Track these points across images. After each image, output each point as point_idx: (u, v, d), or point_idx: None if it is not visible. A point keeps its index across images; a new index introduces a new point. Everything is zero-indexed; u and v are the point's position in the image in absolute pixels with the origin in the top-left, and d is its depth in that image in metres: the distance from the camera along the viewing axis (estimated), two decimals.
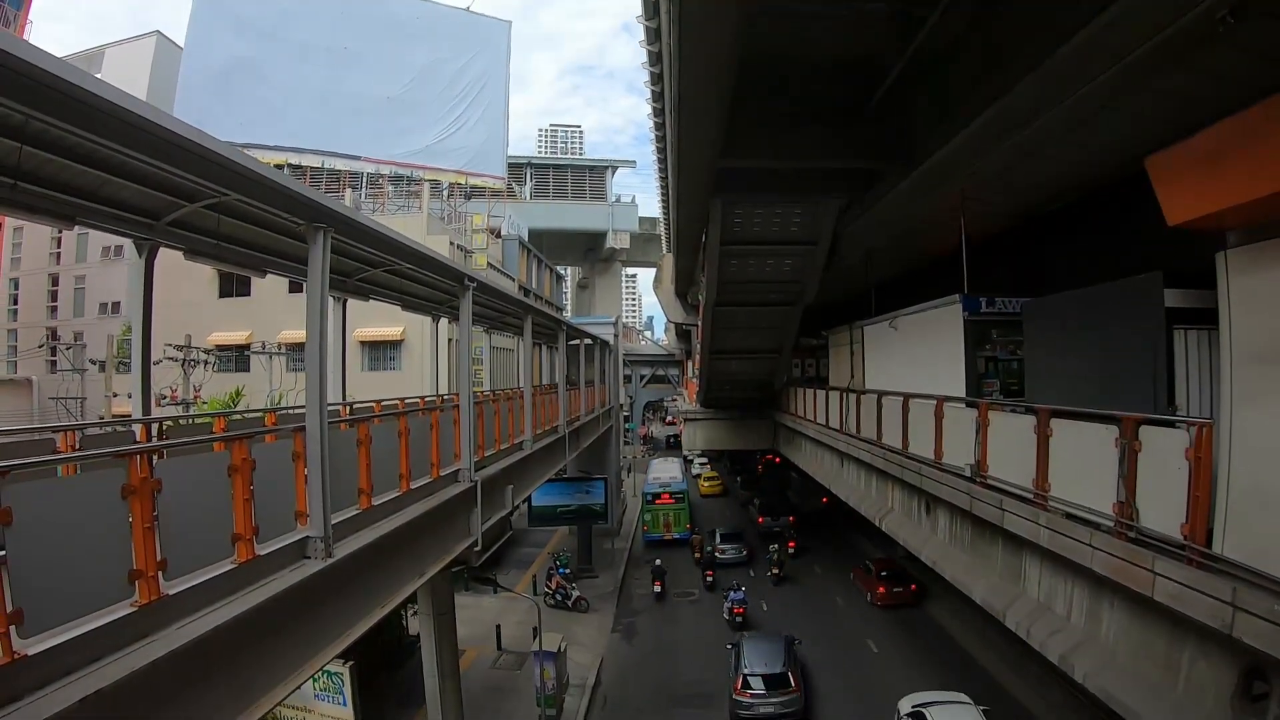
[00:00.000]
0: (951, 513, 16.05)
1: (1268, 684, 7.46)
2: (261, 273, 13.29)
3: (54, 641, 5.29)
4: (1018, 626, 12.66)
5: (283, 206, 8.51)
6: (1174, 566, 8.31)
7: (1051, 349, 15.13)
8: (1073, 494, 10.81)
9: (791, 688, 22.65)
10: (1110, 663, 10.12)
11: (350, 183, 54.85)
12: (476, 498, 15.11)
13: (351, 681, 17.42)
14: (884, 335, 25.03)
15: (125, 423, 11.29)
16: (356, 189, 54.18)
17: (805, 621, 30.03)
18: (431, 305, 20.12)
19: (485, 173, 60.64)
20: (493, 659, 28.57)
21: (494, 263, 48.01)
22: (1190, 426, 8.37)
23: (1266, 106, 7.46)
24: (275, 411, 14.53)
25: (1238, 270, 8.05)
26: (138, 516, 6.11)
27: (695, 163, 18.44)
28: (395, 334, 39.36)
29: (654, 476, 48.57)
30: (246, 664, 7.58)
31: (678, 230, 28.85)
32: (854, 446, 23.25)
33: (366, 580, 10.43)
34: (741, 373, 36.84)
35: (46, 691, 5.17)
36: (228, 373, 38.33)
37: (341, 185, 53.59)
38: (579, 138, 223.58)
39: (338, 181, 54.50)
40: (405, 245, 11.86)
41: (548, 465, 25.05)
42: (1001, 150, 14.29)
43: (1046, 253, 21.49)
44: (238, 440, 7.75)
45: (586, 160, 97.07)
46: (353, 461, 10.24)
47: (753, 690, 22.62)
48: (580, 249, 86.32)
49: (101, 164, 7.93)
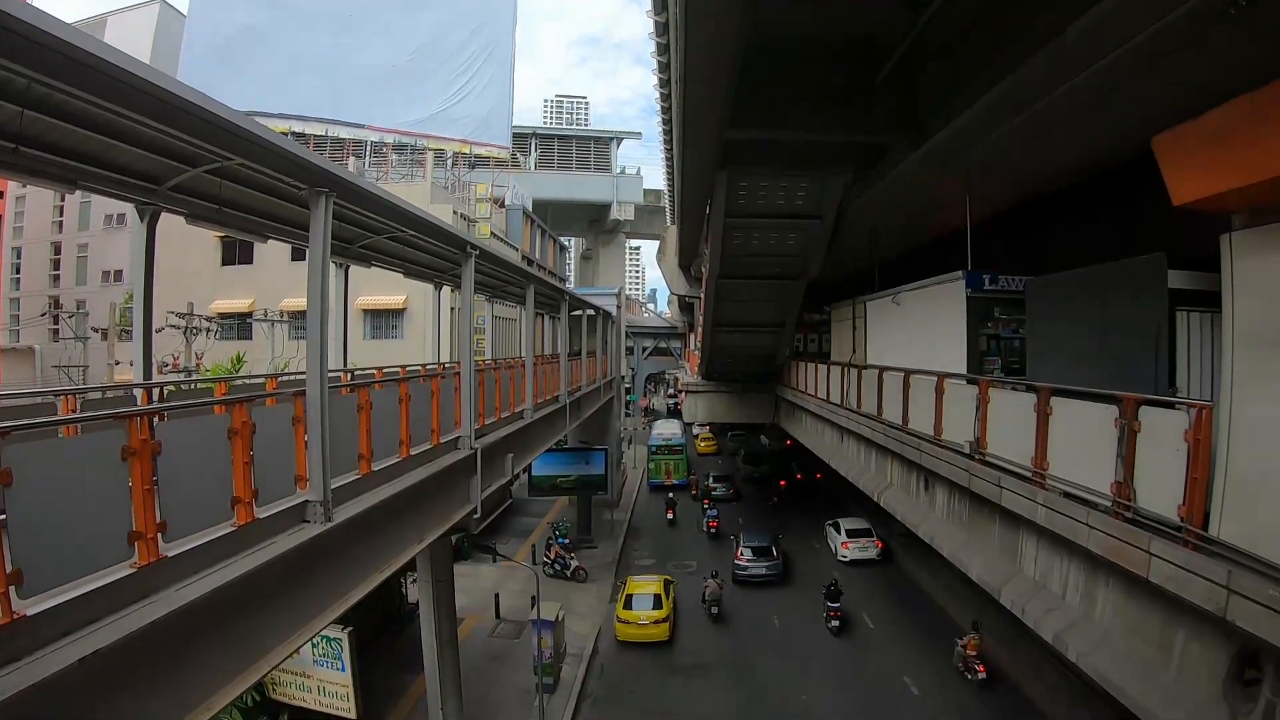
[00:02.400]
0: (950, 489, 16.07)
1: (1260, 669, 7.50)
2: (263, 238, 13.26)
3: (53, 602, 5.32)
4: (1013, 604, 12.70)
5: (285, 171, 8.46)
6: (1170, 548, 8.31)
7: (1054, 327, 15.09)
8: (1071, 473, 10.80)
9: (774, 557, 33.97)
10: (1104, 643, 10.16)
11: (354, 151, 54.61)
12: (476, 465, 15.15)
13: (350, 647, 17.51)
14: (886, 310, 24.98)
15: (126, 388, 11.30)
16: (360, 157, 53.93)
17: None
18: (434, 273, 20.08)
19: (490, 142, 60.42)
20: (491, 627, 28.82)
21: (497, 232, 47.86)
22: (1190, 408, 8.35)
23: (1275, 88, 7.39)
24: (277, 377, 14.53)
25: (1242, 253, 8.00)
26: (137, 478, 6.12)
27: (700, 134, 18.33)
28: (398, 302, 39.31)
29: (657, 433, 59.39)
30: (245, 627, 7.63)
31: (682, 202, 28.74)
32: (854, 421, 23.27)
33: (365, 545, 10.49)
34: (744, 346, 36.78)
35: (46, 652, 5.21)
36: (230, 340, 38.25)
37: (345, 153, 53.37)
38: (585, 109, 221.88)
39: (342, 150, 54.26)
40: (408, 211, 11.82)
41: (548, 435, 25.10)
42: (1008, 129, 14.19)
43: (1051, 232, 21.39)
44: (238, 403, 7.76)
45: (592, 131, 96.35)
46: (353, 427, 10.26)
47: (747, 558, 33.84)
48: (584, 220, 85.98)
49: (104, 128, 7.88)
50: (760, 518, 44.32)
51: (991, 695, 22.76)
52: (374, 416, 10.63)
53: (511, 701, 23.29)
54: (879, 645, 27.21)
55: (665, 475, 53.66)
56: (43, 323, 44.25)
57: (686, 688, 24.70)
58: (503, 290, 26.64)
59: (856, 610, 29.61)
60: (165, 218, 10.88)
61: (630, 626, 28.10)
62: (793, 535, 39.19)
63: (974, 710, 22.05)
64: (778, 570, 33.67)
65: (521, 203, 56.33)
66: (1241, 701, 7.68)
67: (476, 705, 22.08)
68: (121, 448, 6.04)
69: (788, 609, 30.77)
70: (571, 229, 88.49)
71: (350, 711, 17.99)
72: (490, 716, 22.35)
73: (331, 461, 9.06)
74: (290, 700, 18.20)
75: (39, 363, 46.77)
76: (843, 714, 22.44)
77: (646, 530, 45.06)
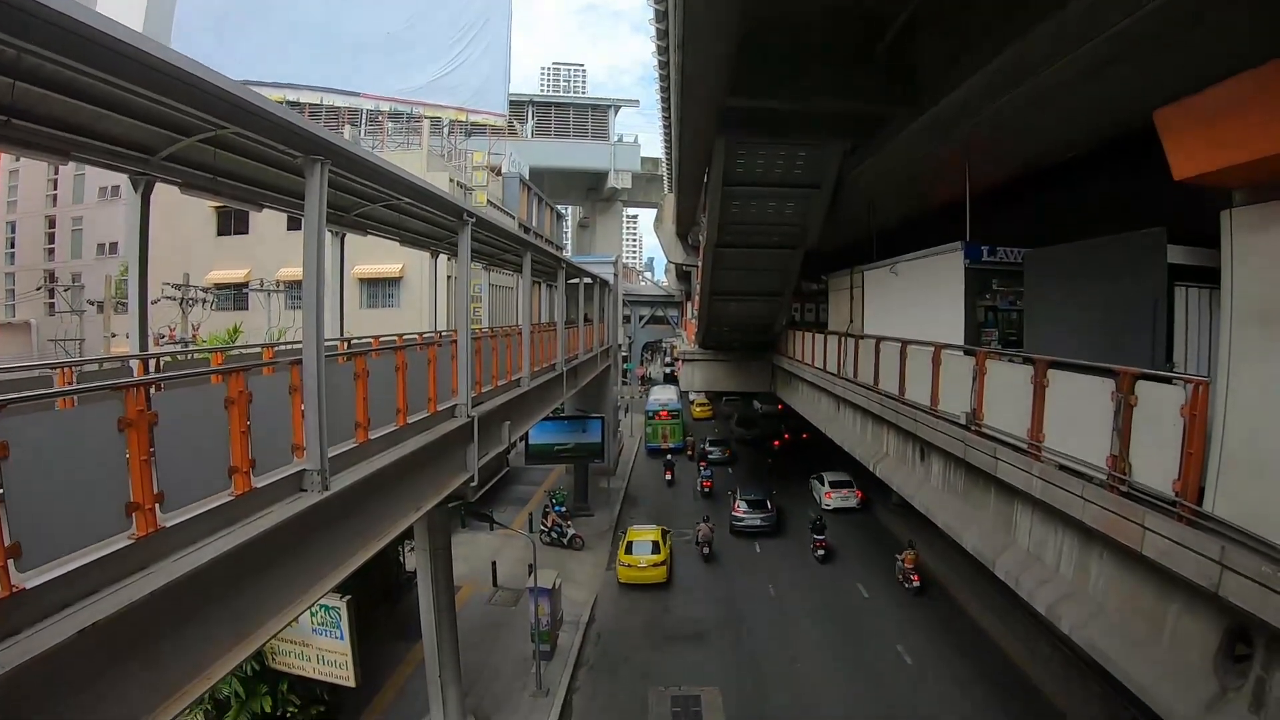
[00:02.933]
0: (945, 460, 16.13)
1: (1251, 646, 7.55)
2: (258, 206, 13.18)
3: (52, 575, 5.33)
4: (1007, 575, 12.78)
5: (279, 139, 8.39)
6: (1164, 522, 8.35)
7: (1052, 300, 15.07)
8: (1067, 445, 10.83)
9: (768, 510, 36.93)
10: (1097, 615, 10.22)
11: (350, 119, 54.17)
12: (473, 433, 15.17)
13: (349, 616, 17.58)
14: (884, 280, 24.94)
15: (123, 359, 11.28)
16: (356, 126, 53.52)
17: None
18: (430, 241, 19.99)
19: (486, 110, 59.95)
20: (488, 595, 29.03)
21: (494, 200, 47.65)
22: (1187, 384, 8.35)
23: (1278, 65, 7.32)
24: (273, 347, 14.50)
25: (1242, 229, 7.95)
26: (134, 449, 6.11)
27: (699, 101, 18.21)
28: (394, 271, 39.22)
29: (654, 398, 61.30)
30: (243, 596, 7.67)
31: (680, 170, 28.58)
32: (851, 391, 23.30)
33: (363, 514, 10.53)
34: (741, 315, 36.75)
35: (45, 624, 5.23)
36: (226, 311, 38.17)
37: (341, 122, 52.94)
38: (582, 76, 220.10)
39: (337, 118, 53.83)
40: (404, 179, 11.74)
41: (545, 403, 25.12)
42: (1008, 100, 14.08)
43: (1050, 204, 21.31)
44: (234, 373, 7.73)
45: (589, 99, 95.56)
46: (350, 395, 10.26)
47: (743, 510, 36.86)
48: (581, 188, 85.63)
49: (96, 99, 7.79)
50: (755, 476, 46.62)
51: (924, 599, 28.79)
52: (371, 385, 10.62)
53: (509, 668, 23.49)
54: (844, 566, 32.89)
55: (662, 439, 55.71)
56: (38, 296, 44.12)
57: (682, 655, 24.92)
58: (500, 259, 26.54)
59: (834, 545, 34.15)
60: (160, 189, 10.80)
61: (631, 570, 30.58)
62: (784, 492, 41.49)
63: (907, 606, 28.27)
64: (771, 522, 36.72)
65: (518, 171, 56.06)
66: (1232, 677, 7.74)
67: (474, 672, 22.30)
68: (118, 419, 6.02)
69: (776, 550, 34.85)
70: (568, 197, 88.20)
71: (349, 679, 18.11)
72: (488, 683, 22.56)
73: (328, 430, 9.06)
74: (289, 669, 18.31)
75: (35, 337, 46.61)
76: (805, 612, 28.15)
77: (644, 494, 46.12)
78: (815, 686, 22.69)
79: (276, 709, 18.21)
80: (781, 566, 32.86)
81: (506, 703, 21.64)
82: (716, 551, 33.78)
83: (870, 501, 39.45)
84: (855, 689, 22.48)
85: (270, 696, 18.12)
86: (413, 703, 21.08)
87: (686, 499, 44.04)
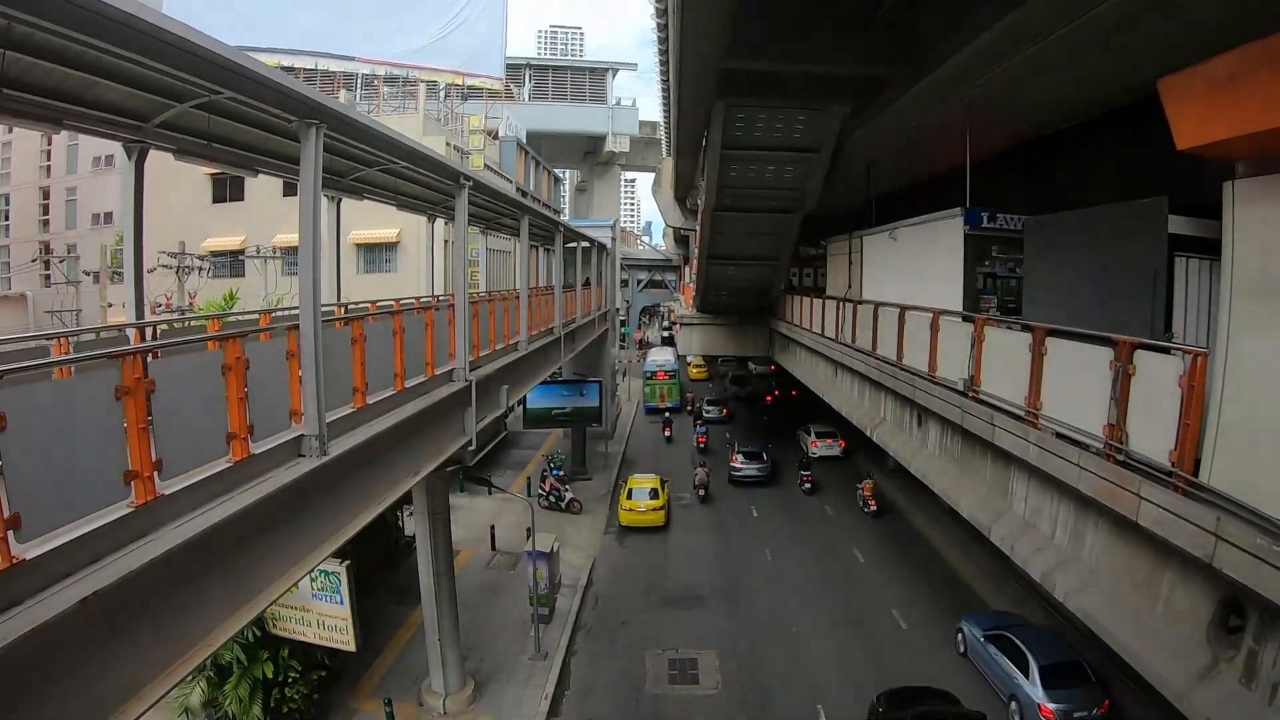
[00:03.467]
0: (942, 426, 16.16)
1: (1243, 618, 7.61)
2: (253, 172, 13.11)
3: (52, 545, 5.33)
4: (1002, 542, 12.86)
5: (274, 103, 8.28)
6: (1160, 492, 8.37)
7: (1051, 268, 15.00)
8: (1064, 414, 10.83)
9: (764, 461, 39.84)
10: (1091, 583, 10.30)
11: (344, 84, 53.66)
12: (471, 397, 15.20)
13: (348, 581, 17.66)
14: (883, 246, 24.86)
15: (119, 328, 11.24)
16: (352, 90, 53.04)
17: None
18: (427, 205, 19.91)
19: (483, 73, 59.40)
20: (487, 559, 29.24)
21: (491, 164, 47.37)
22: (1185, 354, 8.34)
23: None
24: (270, 313, 14.46)
25: (1245, 201, 7.88)
26: (132, 417, 6.10)
27: (697, 63, 18.03)
28: (391, 236, 39.00)
29: (652, 359, 63.91)
30: (243, 562, 7.72)
31: (678, 133, 28.40)
32: (848, 356, 23.30)
33: (361, 478, 10.57)
34: (739, 279, 36.69)
35: (47, 594, 5.24)
36: (223, 278, 37.84)
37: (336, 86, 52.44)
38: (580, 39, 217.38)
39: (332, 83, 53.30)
40: (400, 142, 11.66)
41: (543, 367, 25.16)
42: (1011, 65, 13.95)
43: (1051, 173, 21.20)
44: (231, 339, 7.71)
45: (587, 62, 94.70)
46: (347, 360, 10.26)
47: (740, 461, 39.70)
48: (579, 152, 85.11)
49: (88, 66, 7.72)
50: (751, 432, 49.34)
51: (880, 520, 34.36)
52: (368, 350, 10.61)
53: (508, 632, 23.70)
54: (823, 496, 37.88)
55: (660, 399, 57.84)
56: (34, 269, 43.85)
57: (680, 617, 25.17)
58: (497, 223, 26.45)
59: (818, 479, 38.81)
60: (154, 158, 10.75)
61: (631, 514, 33.50)
62: (776, 445, 44.30)
63: (865, 523, 34.13)
64: (767, 472, 39.70)
65: (515, 135, 55.69)
66: (1224, 648, 7.80)
67: (473, 636, 22.50)
68: (115, 387, 5.99)
69: (768, 494, 38.58)
70: (566, 161, 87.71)
71: (349, 644, 18.24)
72: (487, 646, 22.76)
73: (326, 395, 9.07)
74: (290, 634, 18.42)
75: (32, 309, 46.29)
76: (784, 527, 33.65)
77: (643, 456, 46.73)
78: (788, 581, 28.03)
79: (278, 674, 18.32)
80: (771, 498, 37.87)
81: (505, 666, 21.85)
82: (712, 494, 37.75)
83: (852, 450, 42.45)
84: (817, 575, 28.55)
85: (271, 662, 18.23)
86: (413, 666, 21.31)
87: (684, 455, 45.87)
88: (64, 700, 5.48)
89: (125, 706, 6.03)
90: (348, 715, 19.68)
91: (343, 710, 19.86)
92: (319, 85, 51.48)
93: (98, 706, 5.81)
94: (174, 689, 6.87)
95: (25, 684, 5.15)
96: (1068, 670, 18.22)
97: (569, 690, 21.18)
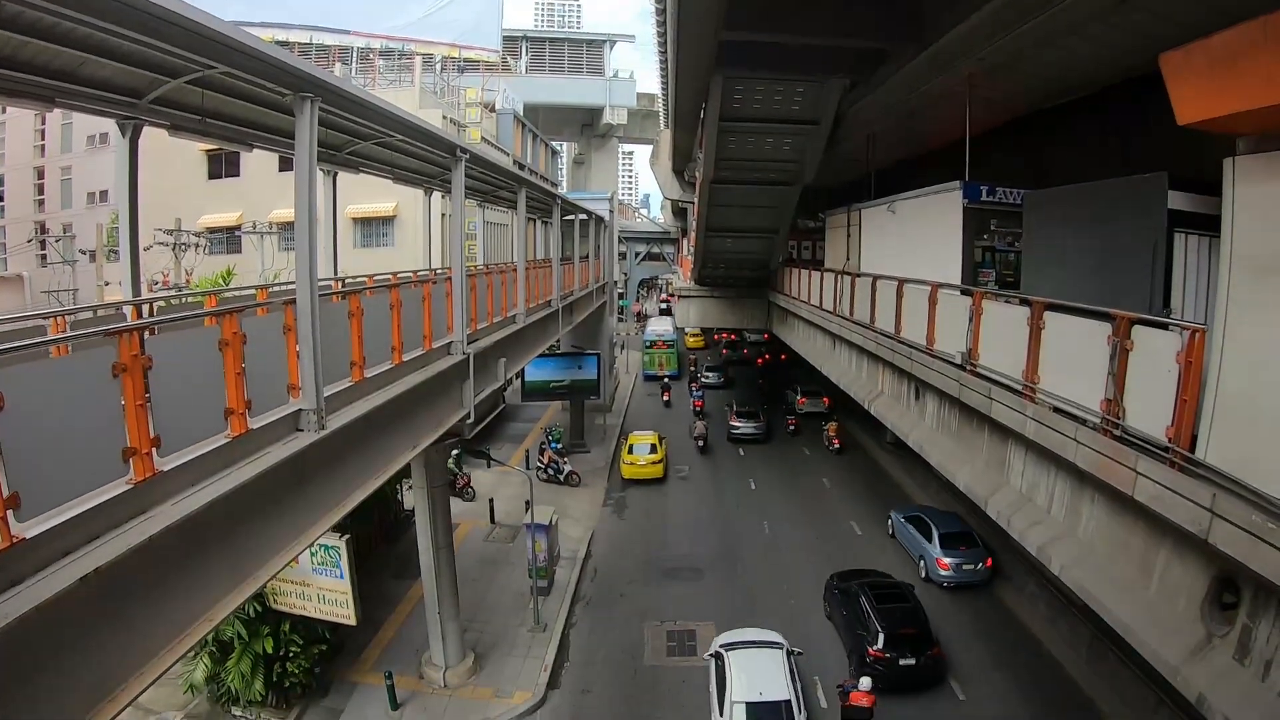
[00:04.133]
0: (940, 399, 16.20)
1: (1238, 594, 7.66)
2: (249, 147, 13.06)
3: (52, 523, 5.34)
4: (999, 515, 12.92)
5: (268, 77, 8.24)
6: (1156, 468, 8.41)
7: (1050, 242, 14.93)
8: (1061, 388, 10.85)
9: (759, 420, 43.39)
10: (1087, 557, 10.37)
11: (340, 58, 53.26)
12: (469, 370, 15.22)
13: (348, 554, 17.71)
14: (882, 219, 24.75)
15: (116, 306, 11.22)
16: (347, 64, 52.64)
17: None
18: (424, 179, 19.85)
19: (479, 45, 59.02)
20: (486, 532, 29.35)
21: (488, 137, 47.13)
22: (1184, 330, 8.33)
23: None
24: (267, 288, 14.43)
25: (1245, 178, 7.83)
26: (130, 394, 6.09)
27: (696, 34, 17.89)
28: (388, 210, 38.80)
29: (651, 329, 66.11)
30: (243, 537, 7.75)
31: (676, 106, 28.22)
32: (846, 329, 23.31)
33: (360, 452, 10.60)
34: (737, 251, 36.61)
35: (47, 573, 5.27)
36: (219, 255, 37.70)
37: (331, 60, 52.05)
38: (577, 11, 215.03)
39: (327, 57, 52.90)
40: (395, 115, 11.60)
41: (541, 339, 25.17)
42: (1014, 36, 13.83)
43: (1051, 147, 21.08)
44: (228, 314, 7.68)
45: (584, 34, 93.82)
46: (345, 335, 10.26)
47: (737, 419, 43.53)
48: (576, 124, 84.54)
49: (79, 43, 7.67)
50: (748, 396, 51.68)
51: (842, 456, 40.49)
52: (366, 323, 10.59)
53: (507, 604, 23.84)
54: (802, 439, 43.44)
55: (658, 367, 61.05)
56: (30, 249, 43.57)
57: (678, 590, 25.31)
58: (494, 195, 26.37)
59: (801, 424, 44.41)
60: (149, 134, 10.69)
61: (633, 467, 36.46)
62: (770, 405, 48.75)
63: (831, 459, 40.23)
64: (762, 431, 43.22)
65: (512, 107, 55.32)
66: (1218, 624, 7.86)
67: (473, 608, 22.63)
68: (113, 364, 5.97)
69: (761, 447, 42.72)
70: (563, 133, 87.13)
71: (350, 618, 18.33)
72: (486, 619, 22.90)
73: (324, 369, 9.09)
74: (291, 609, 18.49)
75: (28, 289, 45.83)
76: (767, 464, 39.18)
77: (643, 418, 49.11)
78: (770, 501, 33.78)
79: (279, 649, 18.42)
80: (760, 449, 42.23)
81: (505, 638, 21.99)
82: (710, 445, 42.01)
83: (834, 405, 45.22)
84: (794, 498, 34.31)
85: (272, 637, 18.33)
86: (413, 639, 21.43)
87: (681, 420, 48.20)
88: (67, 678, 5.52)
89: (128, 683, 6.08)
90: (349, 689, 19.76)
91: (344, 684, 19.95)
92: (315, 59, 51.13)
93: (101, 683, 5.85)
94: (176, 665, 6.88)
95: (27, 662, 5.17)
96: (961, 538, 25.51)
97: (568, 662, 21.33)
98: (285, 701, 18.98)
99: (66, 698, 5.55)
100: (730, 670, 17.31)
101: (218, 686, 18.63)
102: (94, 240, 34.08)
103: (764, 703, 16.50)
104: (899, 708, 18.31)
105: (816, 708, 18.84)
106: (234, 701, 18.65)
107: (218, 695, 18.77)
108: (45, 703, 5.37)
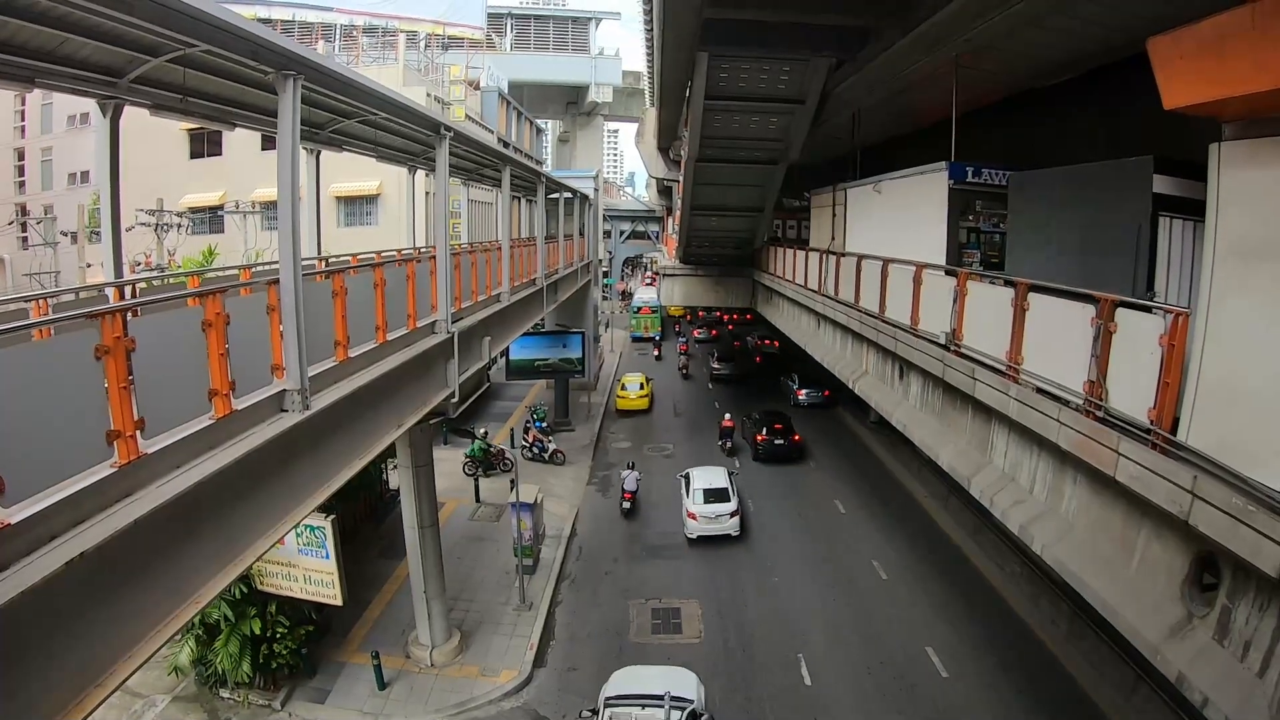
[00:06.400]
0: (924, 379, 16.28)
1: (1218, 575, 7.75)
2: (231, 125, 12.95)
3: (37, 507, 5.32)
4: (981, 495, 13.02)
5: (249, 55, 8.12)
6: (1138, 449, 8.47)
7: (1035, 223, 14.95)
8: (1045, 369, 10.90)
9: (734, 361, 54.80)
10: (1068, 536, 10.47)
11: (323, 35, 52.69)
12: (453, 349, 15.23)
13: (333, 535, 17.70)
14: (867, 198, 24.73)
15: (98, 288, 11.13)
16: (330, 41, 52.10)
17: None
18: (408, 157, 19.72)
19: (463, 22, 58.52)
20: (471, 511, 29.39)
21: (472, 115, 46.78)
22: (1167, 313, 8.37)
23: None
24: (250, 268, 14.33)
25: (1230, 163, 7.85)
26: (113, 376, 6.05)
27: (681, 11, 17.82)
28: (372, 188, 38.50)
29: (638, 297, 75.97)
30: (229, 518, 7.74)
31: (661, 84, 28.13)
32: (831, 308, 23.37)
33: (345, 432, 10.59)
34: (722, 230, 36.57)
35: (33, 558, 5.24)
36: (202, 235, 37.25)
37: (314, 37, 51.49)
38: None
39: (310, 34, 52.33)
40: (378, 93, 11.51)
41: (525, 318, 25.16)
42: (1003, 15, 13.78)
43: (1037, 129, 21.08)
44: (211, 295, 7.61)
45: (569, 11, 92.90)
46: (329, 314, 10.22)
47: (716, 363, 54.77)
48: (561, 102, 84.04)
49: (58, 22, 7.57)
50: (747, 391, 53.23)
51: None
52: (349, 303, 10.56)
53: (492, 583, 23.93)
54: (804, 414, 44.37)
55: (645, 330, 71.81)
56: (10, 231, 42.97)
57: (662, 567, 25.49)
58: (478, 173, 26.25)
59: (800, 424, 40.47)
60: (130, 114, 10.58)
61: (625, 400, 45.68)
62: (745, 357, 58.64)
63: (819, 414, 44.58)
64: (735, 371, 54.29)
65: (497, 85, 54.95)
66: (1198, 605, 7.96)
67: (458, 586, 22.72)
68: (95, 347, 5.92)
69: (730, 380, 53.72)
70: (548, 111, 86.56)
71: (336, 598, 18.35)
72: (472, 597, 22.99)
73: (308, 349, 9.06)
74: (278, 590, 18.50)
75: (9, 272, 45.19)
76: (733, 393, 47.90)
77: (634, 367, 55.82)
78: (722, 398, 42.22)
79: (266, 630, 18.42)
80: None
81: (490, 616, 22.09)
82: (692, 374, 55.91)
83: (835, 397, 45.83)
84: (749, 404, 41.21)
85: (259, 619, 18.34)
86: (399, 619, 21.50)
87: (669, 370, 58.85)
88: (53, 662, 5.51)
89: (115, 666, 6.08)
90: (336, 669, 19.80)
91: (331, 664, 19.98)
92: (297, 37, 50.56)
93: (88, 667, 5.85)
94: (163, 647, 6.88)
95: (14, 648, 5.16)
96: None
97: (554, 640, 21.46)
98: (273, 683, 18.98)
99: (55, 682, 5.54)
100: (693, 481, 28.23)
101: (205, 668, 18.65)
102: (75, 222, 33.68)
103: (712, 489, 27.78)
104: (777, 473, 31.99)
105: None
106: (221, 684, 18.69)
107: (205, 677, 18.80)
108: (34, 688, 5.35)
